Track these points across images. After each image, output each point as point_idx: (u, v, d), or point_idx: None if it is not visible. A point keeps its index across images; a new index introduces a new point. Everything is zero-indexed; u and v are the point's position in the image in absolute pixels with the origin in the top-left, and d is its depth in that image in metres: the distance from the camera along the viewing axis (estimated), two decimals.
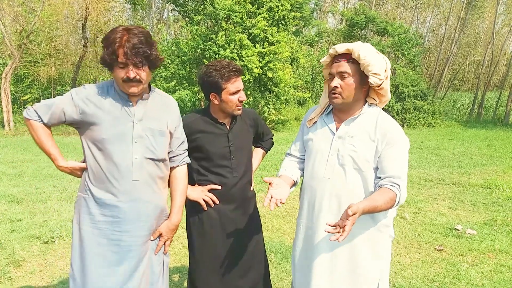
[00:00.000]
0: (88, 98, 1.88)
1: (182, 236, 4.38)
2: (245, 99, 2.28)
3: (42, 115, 1.90)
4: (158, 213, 2.05)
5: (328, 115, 2.06)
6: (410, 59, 17.43)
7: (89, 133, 1.90)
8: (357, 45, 1.87)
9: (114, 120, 1.88)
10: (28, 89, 15.10)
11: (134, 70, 1.80)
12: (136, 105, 1.93)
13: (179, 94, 13.66)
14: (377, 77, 1.84)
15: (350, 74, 1.89)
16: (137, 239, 1.96)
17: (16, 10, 13.29)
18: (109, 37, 1.79)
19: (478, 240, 4.40)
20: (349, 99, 1.92)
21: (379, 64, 1.86)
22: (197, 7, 14.45)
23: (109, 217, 1.90)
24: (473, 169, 8.12)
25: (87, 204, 1.92)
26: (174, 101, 2.13)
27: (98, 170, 1.89)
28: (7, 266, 3.58)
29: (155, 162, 1.97)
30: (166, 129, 2.01)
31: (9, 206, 5.28)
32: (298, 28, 20.20)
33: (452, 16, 23.17)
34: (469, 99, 22.18)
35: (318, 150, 2.01)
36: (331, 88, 1.92)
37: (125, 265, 1.93)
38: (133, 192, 1.91)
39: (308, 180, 2.06)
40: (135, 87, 1.85)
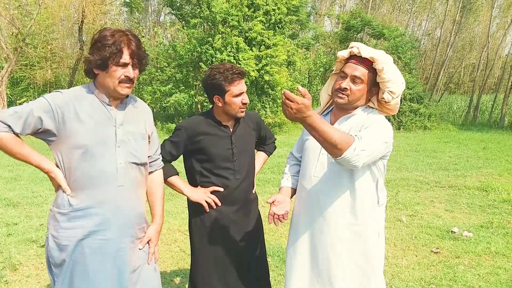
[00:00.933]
0: (66, 103, 1.80)
1: (179, 239, 4.37)
2: (248, 101, 2.30)
3: (13, 124, 1.75)
4: (140, 219, 2.00)
5: (326, 115, 2.07)
6: (406, 62, 17.51)
7: (67, 141, 1.79)
8: (382, 57, 1.83)
9: (95, 125, 1.82)
10: (24, 92, 15.09)
11: (132, 71, 1.84)
12: (116, 110, 1.90)
13: (176, 97, 13.66)
14: (392, 95, 1.84)
15: (363, 81, 1.87)
16: (122, 246, 1.90)
17: (12, 13, 13.26)
18: (112, 35, 1.78)
19: (475, 243, 4.42)
20: (353, 102, 1.92)
21: (398, 83, 1.85)
22: (193, 11, 14.48)
23: (93, 227, 1.82)
24: (469, 171, 8.15)
25: (66, 218, 1.81)
26: (147, 105, 2.12)
27: (79, 179, 1.80)
28: (3, 270, 3.56)
29: (139, 167, 1.94)
30: (146, 133, 2.01)
31: (5, 210, 5.26)
32: (294, 32, 20.27)
33: (448, 20, 23.32)
34: (464, 102, 22.30)
35: (311, 150, 2.02)
36: (340, 87, 1.89)
37: (113, 273, 1.88)
38: (118, 199, 1.86)
39: (301, 179, 2.08)
40: (128, 88, 1.86)
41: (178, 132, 2.30)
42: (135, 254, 1.97)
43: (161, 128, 14.22)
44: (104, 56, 1.76)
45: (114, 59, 1.78)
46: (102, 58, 1.77)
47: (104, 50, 1.76)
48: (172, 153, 2.32)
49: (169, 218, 5.11)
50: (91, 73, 1.85)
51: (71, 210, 1.81)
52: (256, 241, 2.44)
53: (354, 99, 1.90)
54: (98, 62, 1.78)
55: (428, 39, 29.56)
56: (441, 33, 22.85)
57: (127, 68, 1.82)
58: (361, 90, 1.88)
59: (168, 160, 2.33)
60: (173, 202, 5.77)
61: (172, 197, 5.91)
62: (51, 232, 1.84)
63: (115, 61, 1.78)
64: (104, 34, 1.79)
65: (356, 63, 1.88)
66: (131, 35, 1.83)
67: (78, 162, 1.79)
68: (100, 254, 1.84)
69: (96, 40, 1.79)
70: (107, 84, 1.83)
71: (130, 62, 1.82)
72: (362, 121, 1.91)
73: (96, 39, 1.79)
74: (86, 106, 1.83)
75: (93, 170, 1.80)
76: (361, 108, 1.96)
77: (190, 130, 2.28)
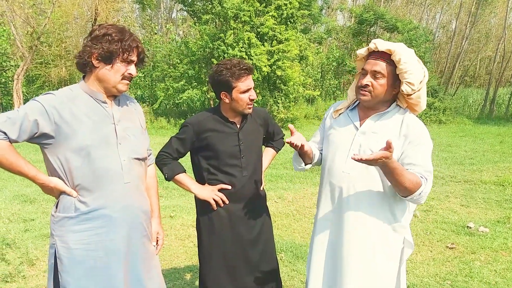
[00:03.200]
0: (61, 104, 1.74)
1: (193, 234, 4.40)
2: (255, 97, 2.27)
3: (8, 131, 1.66)
4: (147, 215, 2.01)
5: (352, 110, 2.03)
6: (420, 56, 17.25)
7: (66, 143, 1.74)
8: (399, 48, 1.81)
9: (94, 124, 1.79)
10: (40, 90, 15.30)
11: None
12: (112, 106, 1.88)
13: (188, 93, 13.71)
14: (411, 86, 1.80)
15: (384, 75, 1.84)
16: (133, 242, 1.91)
17: (27, 12, 13.44)
18: (121, 32, 1.78)
19: (491, 238, 4.35)
20: (377, 98, 1.88)
21: (417, 74, 1.81)
22: (205, 7, 14.48)
23: (103, 227, 1.81)
24: (486, 166, 8.02)
25: (75, 222, 1.78)
26: (135, 100, 2.12)
27: (85, 181, 1.77)
28: (21, 265, 3.63)
29: (140, 162, 1.95)
30: (142, 128, 2.02)
31: (22, 206, 5.35)
32: (306, 26, 20.12)
33: (463, 12, 22.89)
34: (480, 95, 21.91)
35: (339, 145, 1.98)
36: (362, 84, 1.88)
37: (126, 271, 1.89)
38: (126, 196, 1.85)
39: (327, 175, 2.02)
40: (127, 85, 1.87)
41: (185, 129, 2.29)
42: (146, 250, 1.99)
43: (174, 125, 14.30)
44: (113, 50, 1.75)
45: (124, 55, 1.78)
46: (111, 51, 1.75)
47: (114, 44, 1.75)
48: (179, 150, 2.31)
49: (183, 213, 5.15)
50: (88, 64, 1.79)
51: (79, 213, 1.78)
52: (265, 238, 2.42)
53: (377, 94, 1.87)
54: (106, 54, 1.75)
55: (442, 31, 29.10)
56: (456, 25, 22.48)
57: (131, 66, 1.83)
58: (383, 85, 1.85)
59: (175, 158, 2.32)
60: (187, 198, 5.81)
61: (186, 193, 5.95)
62: (59, 238, 1.80)
63: (124, 57, 1.78)
64: (113, 29, 1.78)
65: (375, 58, 1.86)
66: (135, 35, 1.86)
67: (82, 164, 1.76)
68: (112, 253, 1.84)
69: (104, 33, 1.76)
70: (109, 79, 1.80)
71: (135, 61, 1.84)
72: (399, 122, 1.88)
73: (105, 33, 1.76)
74: (81, 106, 1.79)
75: (98, 170, 1.78)
76: (392, 107, 1.93)
77: (197, 126, 2.27)
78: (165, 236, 2.21)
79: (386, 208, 1.89)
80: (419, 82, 1.83)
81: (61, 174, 1.78)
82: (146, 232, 1.99)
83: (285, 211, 5.32)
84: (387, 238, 1.90)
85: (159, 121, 14.50)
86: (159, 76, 16.43)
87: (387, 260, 1.92)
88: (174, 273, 3.61)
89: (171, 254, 3.98)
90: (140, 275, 1.94)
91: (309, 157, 2.07)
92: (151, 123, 14.16)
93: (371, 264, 1.91)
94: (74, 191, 1.78)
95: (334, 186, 1.96)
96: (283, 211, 5.32)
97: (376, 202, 1.89)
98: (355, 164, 1.86)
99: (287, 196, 5.94)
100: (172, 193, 6.16)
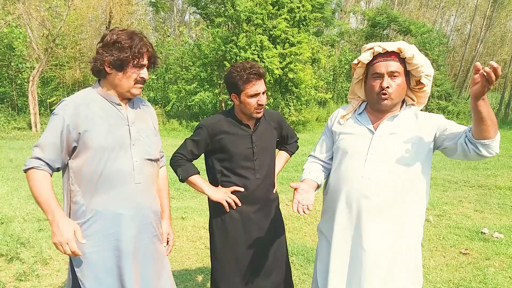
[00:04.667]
0: (77, 112, 1.79)
1: (204, 236, 4.41)
2: (264, 102, 2.26)
3: (51, 159, 1.78)
4: (157, 216, 2.03)
5: (361, 114, 1.99)
6: (434, 59, 17.12)
7: (83, 147, 1.79)
8: (406, 45, 1.80)
9: (110, 126, 1.83)
10: (54, 91, 15.49)
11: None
12: (126, 108, 1.92)
13: (201, 96, 13.78)
14: (428, 78, 1.82)
15: (401, 74, 1.83)
16: (144, 243, 1.94)
17: (43, 15, 13.66)
18: (130, 37, 1.80)
19: (506, 244, 4.28)
20: (397, 99, 1.86)
21: (429, 65, 1.83)
22: (218, 10, 14.56)
23: (114, 228, 1.84)
24: (500, 171, 7.90)
25: (87, 226, 1.81)
26: (149, 103, 2.14)
27: (98, 182, 1.80)
28: (35, 264, 3.68)
29: (152, 163, 1.98)
30: (155, 129, 2.05)
31: (36, 206, 5.40)
32: (319, 29, 20.11)
33: (478, 15, 22.64)
34: (495, 99, 21.61)
35: (355, 150, 1.92)
36: (382, 88, 1.83)
37: (136, 271, 1.91)
38: (137, 197, 1.87)
39: (341, 182, 1.93)
40: (141, 88, 1.91)
41: (200, 130, 2.31)
42: (156, 250, 2.01)
43: (185, 127, 14.37)
44: (124, 57, 1.78)
45: (135, 61, 1.81)
46: (122, 59, 1.78)
47: (124, 52, 1.78)
48: (194, 152, 2.33)
49: (194, 215, 5.17)
50: (102, 71, 1.83)
51: (90, 216, 1.82)
52: (278, 241, 2.42)
53: (397, 95, 1.85)
54: (116, 62, 1.79)
55: (457, 34, 28.80)
56: (471, 28, 22.22)
57: (143, 70, 1.86)
58: (401, 84, 1.84)
59: (189, 159, 2.34)
60: (198, 199, 5.82)
61: (197, 195, 5.97)
62: None
63: (134, 63, 1.81)
64: (123, 35, 1.80)
65: (385, 59, 1.83)
66: (145, 38, 1.87)
67: (95, 167, 1.79)
68: (123, 253, 1.86)
69: (114, 40, 1.79)
70: (122, 84, 1.84)
71: (146, 64, 1.87)
72: (413, 119, 1.89)
73: (115, 40, 1.79)
74: (96, 109, 1.83)
75: (110, 171, 1.81)
76: (404, 107, 1.93)
77: (211, 128, 2.28)
78: (176, 237, 2.24)
79: (409, 207, 1.86)
80: (433, 72, 1.87)
81: (72, 176, 1.82)
82: (156, 233, 2.01)
83: (296, 214, 5.30)
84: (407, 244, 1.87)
85: (171, 123, 14.60)
86: (172, 79, 16.54)
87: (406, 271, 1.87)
88: (185, 274, 3.62)
89: (183, 256, 3.99)
90: (150, 275, 1.96)
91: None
92: (163, 125, 14.26)
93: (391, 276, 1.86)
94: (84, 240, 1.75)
95: (352, 193, 1.88)
96: (294, 214, 5.30)
97: (399, 204, 1.84)
98: (375, 169, 1.84)
99: None
100: (184, 194, 6.19)
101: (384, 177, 1.83)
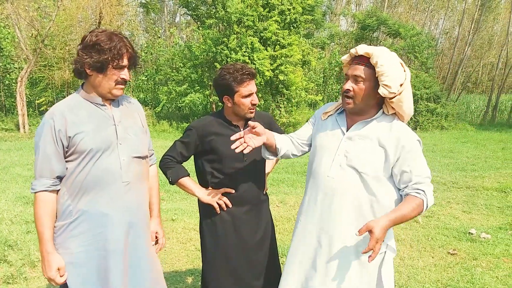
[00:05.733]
0: (64, 117, 1.79)
1: (194, 238, 4.40)
2: (257, 102, 2.29)
3: (57, 174, 1.80)
4: (146, 215, 2.04)
5: (340, 114, 2.03)
6: (423, 62, 17.28)
7: (72, 151, 1.80)
8: (378, 51, 1.81)
9: (96, 128, 1.84)
10: (43, 92, 15.32)
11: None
12: (111, 108, 1.92)
13: (191, 97, 13.74)
14: (387, 89, 1.78)
15: (364, 79, 1.84)
16: (133, 242, 1.94)
17: (32, 15, 13.51)
18: (110, 38, 1.79)
19: (493, 245, 4.34)
20: (361, 104, 1.89)
21: (395, 76, 1.79)
22: (209, 11, 14.54)
23: (102, 228, 1.84)
24: (488, 172, 8.01)
25: (73, 226, 1.82)
26: (137, 101, 2.14)
27: (85, 183, 1.81)
28: (23, 266, 3.64)
29: (141, 160, 1.97)
30: (143, 127, 2.05)
31: (24, 208, 5.37)
32: (309, 31, 20.17)
33: (466, 18, 22.93)
34: (483, 101, 21.90)
35: (326, 149, 1.98)
36: (344, 90, 1.90)
37: (125, 271, 1.91)
38: (124, 195, 1.88)
39: (312, 178, 2.04)
40: (122, 89, 1.90)
41: (189, 132, 2.31)
42: (145, 250, 2.00)
43: (176, 128, 14.32)
44: (104, 59, 1.78)
45: (114, 62, 1.80)
46: (102, 61, 1.78)
47: (104, 53, 1.77)
48: (183, 154, 2.33)
49: (184, 217, 5.15)
50: (83, 73, 1.83)
51: (78, 216, 1.82)
52: (268, 242, 2.43)
53: (359, 99, 1.87)
54: (96, 64, 1.78)
55: (445, 37, 29.13)
56: (459, 32, 22.50)
57: (124, 71, 1.86)
58: (364, 89, 1.85)
59: (179, 161, 2.34)
60: (189, 201, 5.81)
61: (187, 196, 5.96)
62: (60, 245, 1.84)
63: (114, 64, 1.81)
64: (102, 37, 1.79)
65: (356, 63, 1.88)
66: (125, 38, 1.86)
67: (82, 168, 1.81)
68: (111, 253, 1.86)
69: (94, 42, 1.78)
70: (103, 85, 1.84)
71: (127, 65, 1.86)
72: (387, 129, 1.88)
73: (94, 42, 1.78)
74: (82, 113, 1.84)
75: (97, 171, 1.81)
76: (380, 113, 1.92)
77: (201, 130, 2.29)
78: (166, 239, 2.23)
79: (370, 214, 1.88)
80: (399, 85, 1.80)
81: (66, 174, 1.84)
82: (144, 232, 2.00)
83: (287, 215, 5.31)
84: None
85: (161, 124, 14.53)
86: (162, 80, 16.47)
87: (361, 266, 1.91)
88: (175, 276, 3.61)
89: (173, 257, 3.98)
90: (139, 275, 1.95)
91: (272, 150, 2.08)
92: (153, 126, 14.19)
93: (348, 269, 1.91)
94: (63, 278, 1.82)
95: (318, 190, 1.97)
96: (284, 215, 5.31)
97: (359, 208, 1.89)
98: (340, 169, 1.90)
99: (289, 201, 5.95)
100: (174, 196, 6.17)
101: (347, 179, 1.89)
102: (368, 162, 1.86)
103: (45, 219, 1.80)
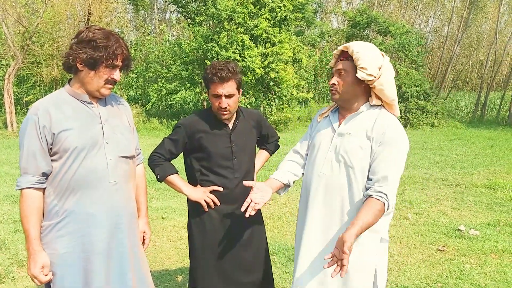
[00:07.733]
0: (49, 113, 1.76)
1: (184, 236, 4.38)
2: (224, 107, 2.19)
3: (42, 171, 1.76)
4: (133, 214, 2.02)
5: (334, 113, 2.08)
6: (413, 60, 17.38)
7: (57, 148, 1.77)
8: (353, 43, 1.90)
9: (82, 126, 1.80)
10: (31, 90, 15.14)
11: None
12: (98, 106, 1.89)
13: (181, 94, 13.66)
14: (364, 71, 1.83)
15: (346, 71, 1.92)
16: (120, 242, 1.92)
17: (19, 11, 13.30)
18: (106, 37, 1.77)
19: (481, 241, 4.39)
20: (346, 95, 1.95)
21: (370, 59, 1.85)
22: (199, 8, 14.46)
23: (88, 228, 1.82)
24: (477, 169, 8.09)
25: (60, 226, 1.80)
26: (124, 100, 2.12)
27: (71, 182, 1.78)
28: (10, 266, 3.59)
29: (128, 160, 1.95)
30: (130, 126, 2.02)
31: (12, 207, 5.30)
32: (300, 29, 20.19)
33: (455, 16, 23.11)
34: (472, 99, 22.11)
35: (320, 147, 2.03)
36: (330, 84, 1.99)
37: (114, 272, 1.90)
38: (111, 195, 1.85)
39: (306, 176, 2.10)
40: (110, 89, 1.88)
41: (178, 129, 2.30)
42: (132, 250, 1.98)
43: (166, 126, 14.24)
44: (98, 56, 1.75)
45: (108, 61, 1.78)
46: (95, 58, 1.75)
47: (99, 51, 1.75)
48: (172, 151, 2.31)
49: (175, 215, 5.13)
50: (73, 68, 1.80)
51: (64, 217, 1.80)
52: (258, 240, 2.42)
53: (344, 91, 1.94)
54: (89, 60, 1.75)
55: (435, 36, 29.33)
56: (449, 30, 22.67)
57: (116, 71, 1.83)
58: (348, 81, 1.92)
59: (167, 158, 2.32)
60: (179, 199, 5.78)
61: (178, 195, 5.93)
62: (46, 245, 1.81)
63: (107, 63, 1.78)
64: (99, 34, 1.77)
65: (341, 59, 1.96)
66: (122, 39, 1.85)
67: (67, 167, 1.77)
68: (96, 253, 1.84)
69: (90, 38, 1.75)
70: (92, 83, 1.81)
71: (120, 66, 1.84)
72: (372, 122, 1.90)
73: (91, 38, 1.75)
74: (67, 110, 1.80)
75: (83, 171, 1.78)
76: (366, 106, 1.96)
77: (189, 127, 2.27)
78: (157, 237, 2.21)
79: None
80: (377, 68, 1.85)
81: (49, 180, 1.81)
82: (131, 232, 1.98)
83: (278, 213, 5.31)
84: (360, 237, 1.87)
85: (151, 122, 14.43)
86: (152, 77, 16.36)
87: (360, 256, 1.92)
88: (165, 274, 3.59)
89: (163, 256, 3.96)
90: (126, 275, 1.93)
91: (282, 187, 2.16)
92: (143, 124, 14.09)
93: None
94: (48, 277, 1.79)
95: (310, 187, 2.01)
96: (275, 213, 5.31)
97: (350, 204, 1.92)
98: (331, 167, 1.94)
99: (280, 198, 5.95)
100: (164, 194, 6.14)
101: (337, 176, 1.93)
102: (356, 156, 1.89)
103: (31, 217, 1.77)
